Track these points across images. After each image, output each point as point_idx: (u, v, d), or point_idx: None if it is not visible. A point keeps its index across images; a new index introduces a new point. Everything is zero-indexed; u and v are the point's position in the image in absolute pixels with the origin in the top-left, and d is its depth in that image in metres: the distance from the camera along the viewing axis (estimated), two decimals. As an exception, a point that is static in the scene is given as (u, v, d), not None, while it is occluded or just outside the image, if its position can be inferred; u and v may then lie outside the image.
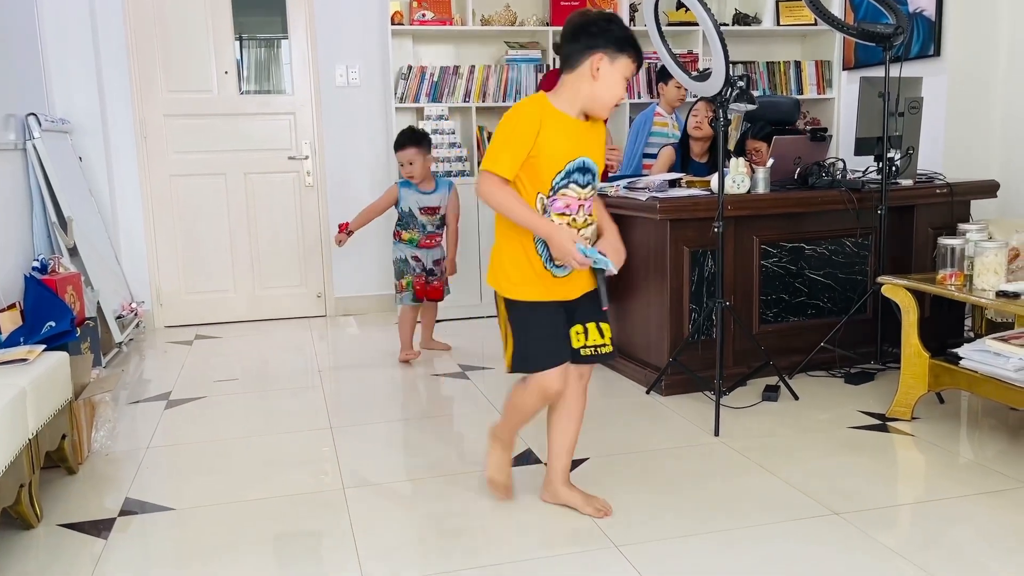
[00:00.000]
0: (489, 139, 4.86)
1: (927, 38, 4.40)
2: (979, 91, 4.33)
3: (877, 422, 2.92)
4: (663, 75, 4.37)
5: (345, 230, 3.88)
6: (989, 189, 3.68)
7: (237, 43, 4.87)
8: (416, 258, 3.88)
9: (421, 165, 3.79)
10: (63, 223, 3.94)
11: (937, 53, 4.36)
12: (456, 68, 4.81)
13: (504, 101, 4.85)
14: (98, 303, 4.02)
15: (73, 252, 3.97)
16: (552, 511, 2.29)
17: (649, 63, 4.96)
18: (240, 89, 4.90)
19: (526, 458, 2.68)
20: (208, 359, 4.16)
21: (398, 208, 3.88)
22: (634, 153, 4.27)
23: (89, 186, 4.51)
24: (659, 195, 3.27)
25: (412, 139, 3.80)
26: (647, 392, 3.32)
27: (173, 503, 2.42)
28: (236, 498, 2.44)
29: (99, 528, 2.28)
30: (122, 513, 2.37)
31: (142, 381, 3.79)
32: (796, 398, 3.19)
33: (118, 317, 4.29)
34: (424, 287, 3.91)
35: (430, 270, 3.92)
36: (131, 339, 4.46)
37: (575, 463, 2.61)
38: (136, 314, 4.57)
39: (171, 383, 3.70)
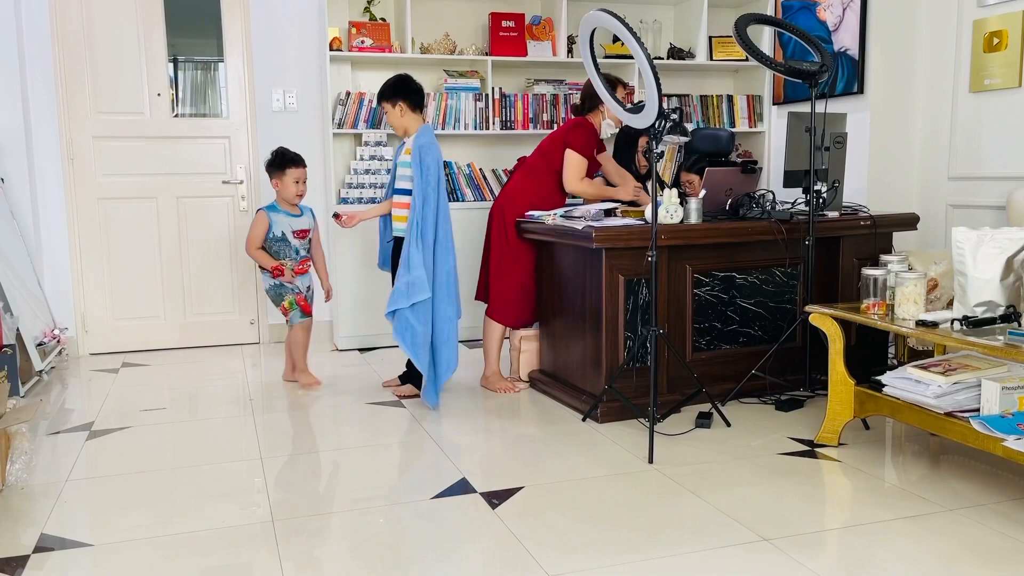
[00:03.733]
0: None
1: (851, 76, 4.58)
2: (900, 127, 4.53)
3: (806, 448, 2.99)
4: None
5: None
6: (910, 222, 3.83)
7: (171, 65, 4.79)
8: (291, 283, 3.93)
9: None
10: (-18, 246, 3.80)
11: (861, 91, 4.54)
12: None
13: (443, 128, 4.87)
14: (17, 329, 3.87)
15: (-8, 276, 3.82)
16: (486, 542, 2.27)
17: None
18: (173, 111, 4.81)
19: (461, 488, 2.65)
20: (135, 387, 4.03)
21: (268, 235, 3.86)
22: (390, 184, 3.94)
23: (11, 208, 4.36)
24: (594, 224, 3.31)
25: (301, 158, 3.90)
26: (583, 419, 3.33)
27: (92, 539, 2.32)
28: (160, 532, 2.36)
29: (12, 566, 2.17)
30: (37, 550, 2.26)
31: (63, 411, 3.65)
32: (728, 425, 3.24)
33: (39, 344, 4.13)
34: (305, 302, 3.97)
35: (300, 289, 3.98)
36: (53, 367, 4.30)
37: (510, 492, 2.60)
38: (59, 341, 4.42)
39: (94, 413, 3.57)
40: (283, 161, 3.86)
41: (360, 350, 4.76)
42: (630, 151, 4.41)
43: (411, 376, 3.77)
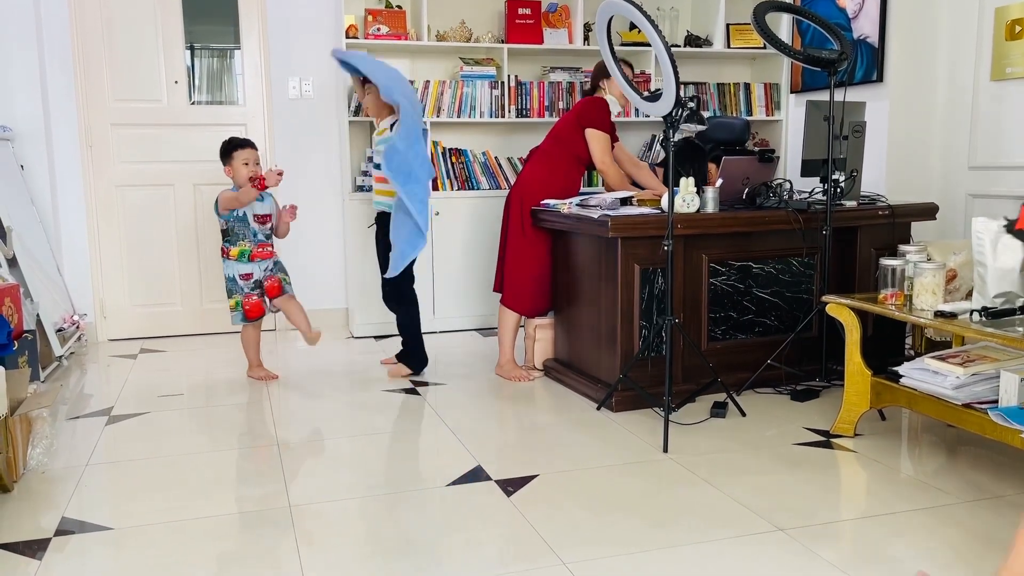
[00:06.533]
0: (443, 154, 4.89)
1: (870, 64, 4.53)
2: (919, 116, 4.48)
3: (821, 438, 2.98)
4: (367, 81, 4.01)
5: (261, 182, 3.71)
6: (929, 212, 3.80)
7: (188, 52, 4.80)
8: (246, 276, 3.77)
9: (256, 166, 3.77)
10: (2, 233, 3.83)
11: (880, 79, 4.49)
12: (411, 83, 4.80)
13: (459, 116, 4.86)
14: (37, 316, 3.91)
15: (12, 263, 3.85)
16: (501, 529, 2.28)
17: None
18: (190, 99, 4.83)
19: (476, 475, 2.67)
20: (153, 373, 4.07)
21: (231, 213, 3.72)
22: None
23: (30, 195, 4.40)
24: (610, 213, 3.30)
25: (248, 140, 3.78)
26: (598, 408, 3.34)
27: (112, 522, 2.35)
28: (178, 517, 2.39)
29: (34, 548, 2.20)
30: (58, 533, 2.30)
31: (83, 396, 3.69)
32: (743, 415, 3.24)
33: (59, 330, 4.17)
34: (259, 300, 3.80)
35: (258, 282, 3.80)
36: (72, 352, 4.35)
37: (524, 480, 2.61)
38: (78, 327, 4.46)
39: (113, 398, 3.61)
40: (228, 148, 3.75)
41: (375, 337, 4.79)
42: (696, 163, 4.24)
43: (405, 355, 3.91)
